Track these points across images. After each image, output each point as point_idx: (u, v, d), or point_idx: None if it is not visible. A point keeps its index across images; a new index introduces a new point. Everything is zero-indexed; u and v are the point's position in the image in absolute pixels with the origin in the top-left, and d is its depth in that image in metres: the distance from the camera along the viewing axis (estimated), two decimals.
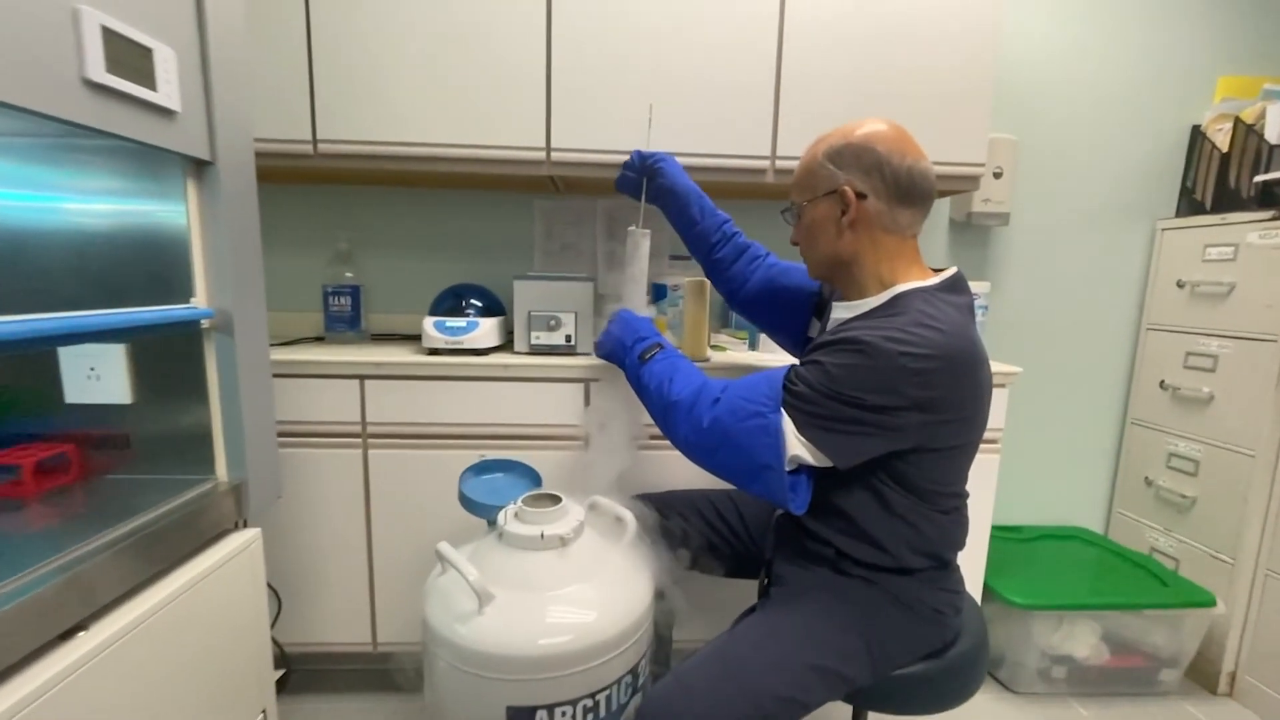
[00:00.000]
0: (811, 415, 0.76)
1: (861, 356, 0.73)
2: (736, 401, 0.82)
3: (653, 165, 1.16)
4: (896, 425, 0.74)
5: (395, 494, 1.25)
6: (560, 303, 1.28)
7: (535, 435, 1.24)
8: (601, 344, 1.11)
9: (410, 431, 1.23)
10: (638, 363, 1.00)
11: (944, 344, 0.73)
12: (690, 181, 1.15)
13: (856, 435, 0.76)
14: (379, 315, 1.57)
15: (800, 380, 0.78)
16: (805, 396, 0.76)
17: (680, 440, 0.88)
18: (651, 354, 1.00)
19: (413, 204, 1.57)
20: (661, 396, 0.92)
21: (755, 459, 0.79)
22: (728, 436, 0.81)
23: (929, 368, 0.72)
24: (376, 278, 1.58)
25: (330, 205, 1.55)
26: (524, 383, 1.23)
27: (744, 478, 0.82)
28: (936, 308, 0.77)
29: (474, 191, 1.56)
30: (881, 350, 0.72)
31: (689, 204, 1.13)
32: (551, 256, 1.59)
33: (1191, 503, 1.53)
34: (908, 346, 0.72)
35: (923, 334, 0.73)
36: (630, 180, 1.19)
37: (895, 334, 0.73)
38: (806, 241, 0.90)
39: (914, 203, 0.83)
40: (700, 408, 0.85)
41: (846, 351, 0.75)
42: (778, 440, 0.77)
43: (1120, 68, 1.63)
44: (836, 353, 0.76)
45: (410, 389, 1.22)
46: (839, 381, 0.74)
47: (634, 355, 1.02)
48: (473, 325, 1.27)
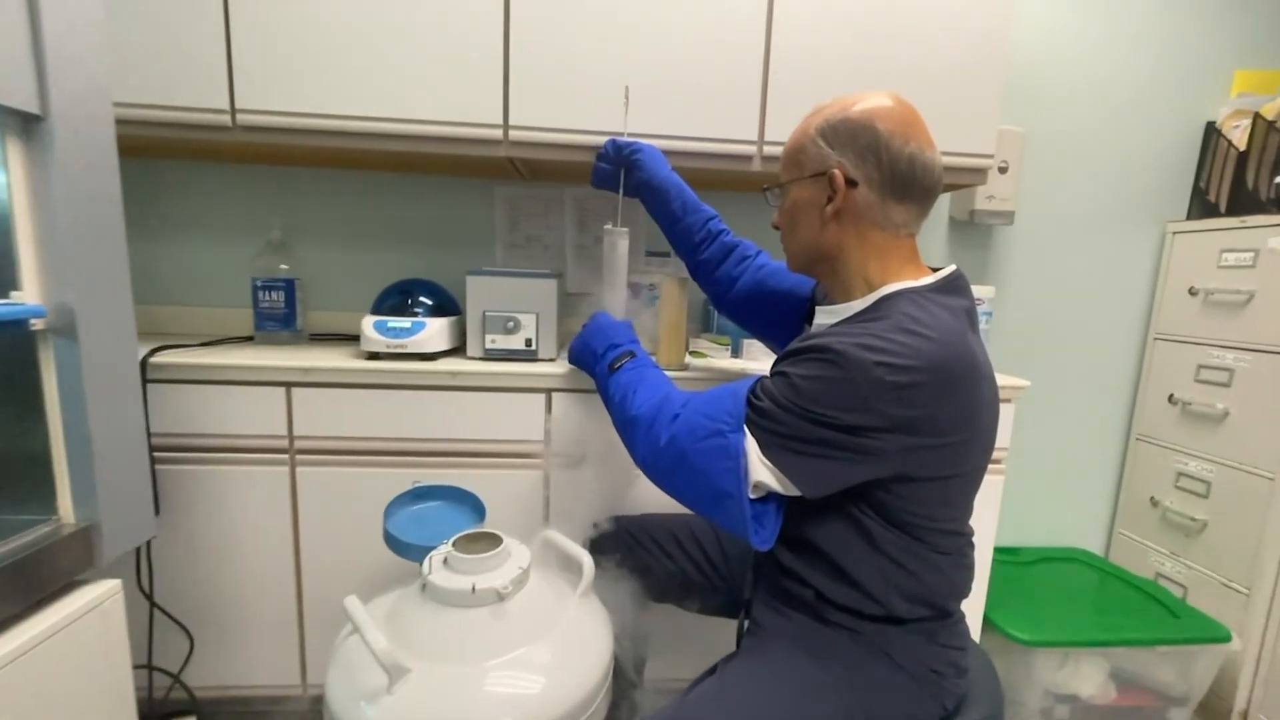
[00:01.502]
0: (776, 435, 0.65)
1: (831, 367, 0.62)
2: (696, 418, 0.71)
3: (630, 156, 1.02)
4: (873, 449, 0.62)
5: (328, 517, 1.09)
6: (520, 302, 1.14)
7: (489, 453, 1.09)
8: (573, 350, 1.00)
9: (345, 447, 1.08)
10: (606, 372, 0.89)
11: (931, 354, 0.61)
12: (672, 173, 1.03)
13: (826, 460, 0.64)
14: (319, 313, 1.41)
15: (765, 394, 0.67)
16: (769, 413, 0.65)
17: (639, 460, 0.78)
18: (621, 363, 0.88)
19: (357, 188, 1.40)
20: (623, 411, 0.81)
21: (713, 484, 0.68)
22: (684, 457, 0.70)
23: (911, 381, 0.60)
24: (316, 271, 1.41)
25: (262, 188, 1.38)
26: (477, 393, 1.08)
27: (703, 504, 0.71)
28: (926, 311, 0.65)
29: (427, 176, 1.41)
30: (854, 360, 0.61)
31: (670, 199, 1.01)
32: (515, 250, 1.44)
33: (1202, 526, 1.43)
34: (885, 356, 0.60)
35: (905, 341, 0.61)
36: (606, 173, 1.06)
37: (871, 341, 0.62)
38: (787, 227, 0.79)
39: (911, 198, 0.70)
40: (659, 424, 0.74)
41: (815, 361, 0.63)
42: (738, 463, 0.66)
43: (1130, 58, 1.52)
44: (804, 362, 0.65)
45: (345, 398, 1.06)
46: (806, 396, 0.63)
47: (603, 364, 0.91)
48: (419, 326, 1.12)
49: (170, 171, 1.36)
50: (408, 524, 0.82)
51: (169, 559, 1.07)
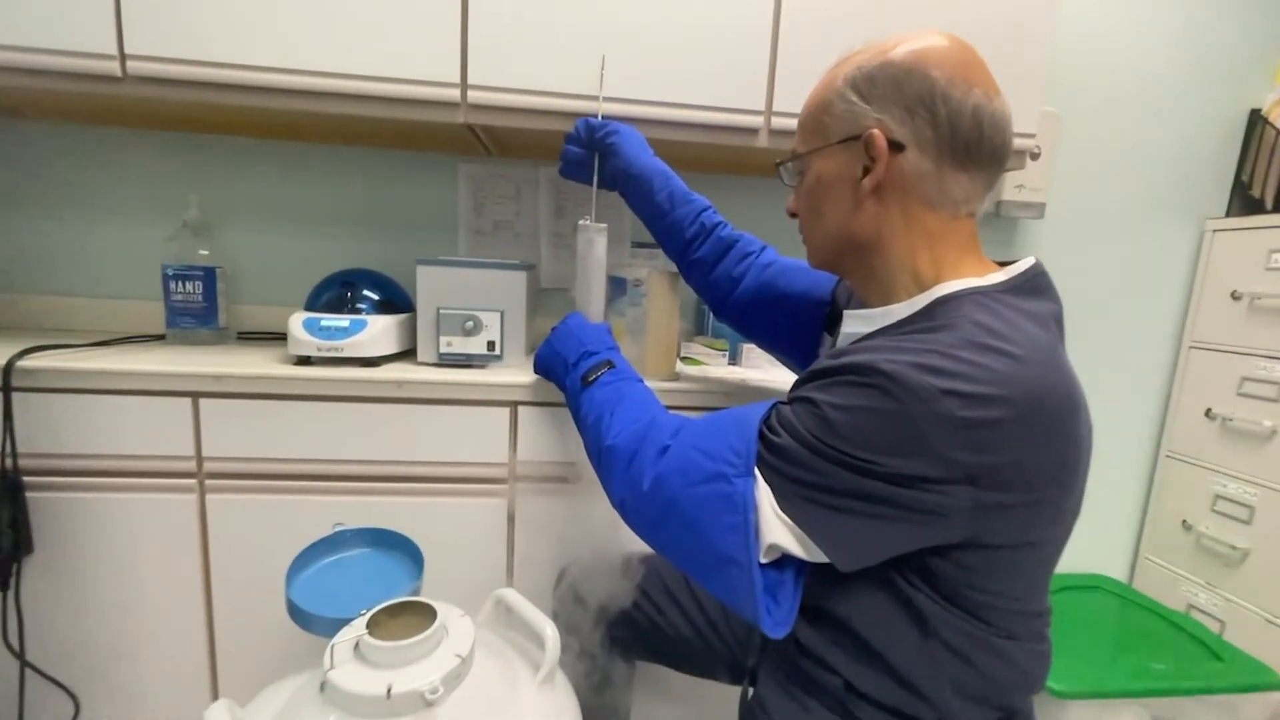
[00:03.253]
0: (798, 483, 0.49)
1: (878, 395, 0.45)
2: (690, 455, 0.55)
3: (604, 140, 0.85)
4: (934, 507, 0.46)
5: (245, 556, 0.91)
6: (482, 297, 0.96)
7: (441, 478, 0.91)
8: (539, 357, 0.84)
9: (266, 470, 0.89)
10: (579, 386, 0.73)
11: (1019, 380, 0.45)
12: (654, 159, 0.86)
13: (868, 519, 0.48)
14: (249, 308, 1.21)
15: (784, 427, 0.51)
16: (789, 453, 0.49)
17: (615, 502, 0.61)
18: (597, 375, 0.72)
19: (294, 163, 1.20)
20: (598, 437, 0.65)
21: (712, 544, 0.51)
22: (673, 506, 0.54)
23: (992, 417, 0.44)
24: (246, 259, 1.21)
25: (176, 159, 1.17)
26: (428, 406, 0.90)
27: (698, 569, 0.54)
28: (1002, 319, 0.48)
29: (377, 149, 1.21)
30: (911, 386, 0.44)
31: (654, 189, 0.84)
32: (481, 237, 1.26)
33: (1243, 555, 1.29)
34: (955, 381, 0.44)
35: (981, 362, 0.45)
36: (577, 159, 0.89)
37: (933, 360, 0.45)
38: (808, 211, 0.62)
39: (976, 164, 0.54)
40: (642, 459, 0.58)
41: (854, 386, 0.47)
42: (746, 519, 0.50)
43: (1170, 39, 1.37)
44: (838, 387, 0.48)
45: (266, 412, 0.88)
46: (841, 434, 0.47)
47: (575, 375, 0.74)
48: (358, 325, 0.93)
49: (60, 136, 1.14)
50: (319, 585, 0.64)
51: (45, 607, 0.88)
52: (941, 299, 0.52)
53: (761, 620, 0.50)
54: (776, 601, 0.51)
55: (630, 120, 0.91)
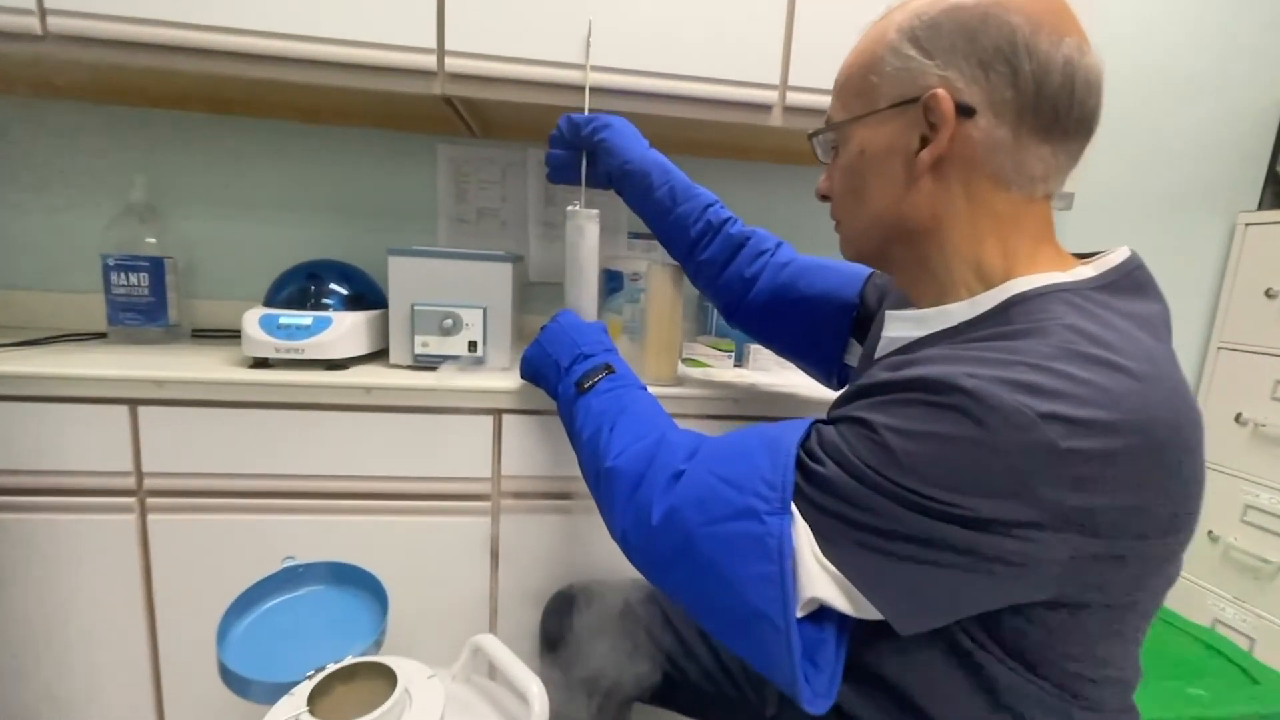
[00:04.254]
0: (847, 524, 0.40)
1: (958, 420, 0.36)
2: (709, 483, 0.45)
3: (593, 138, 0.75)
4: (1024, 559, 0.36)
5: (193, 584, 0.80)
6: (463, 291, 0.85)
7: (416, 494, 0.81)
8: (527, 360, 0.74)
9: (216, 488, 0.79)
10: (573, 393, 0.63)
11: (1135, 400, 0.35)
12: (651, 151, 0.76)
13: (937, 571, 0.38)
14: (206, 303, 1.10)
15: (828, 453, 0.41)
16: (836, 486, 0.40)
17: (617, 534, 0.52)
18: (594, 381, 0.62)
19: (255, 141, 1.09)
20: (596, 455, 0.56)
21: (739, 596, 0.42)
22: (690, 547, 0.45)
23: (1103, 449, 0.34)
24: (200, 248, 1.10)
25: (116, 134, 1.06)
26: (401, 414, 0.79)
27: (718, 623, 0.45)
28: (1105, 324, 0.39)
29: (347, 127, 1.10)
30: (1004, 410, 0.35)
31: (653, 185, 0.75)
32: (463, 226, 1.15)
33: (1276, 570, 1.22)
34: (1058, 403, 0.34)
35: (1088, 378, 0.35)
36: (565, 165, 0.79)
37: (1029, 376, 0.35)
38: (847, 192, 0.52)
39: (1064, 133, 0.44)
40: (651, 486, 0.49)
41: (925, 407, 0.38)
42: (781, 567, 0.40)
43: (1199, 26, 1.29)
44: (903, 407, 0.39)
45: (216, 422, 0.77)
46: (907, 466, 0.37)
47: (569, 381, 0.64)
48: (321, 323, 0.83)
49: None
50: (261, 637, 0.53)
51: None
52: (1018, 298, 0.42)
53: (799, 691, 0.41)
54: (817, 666, 0.41)
55: (625, 94, 0.81)
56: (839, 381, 0.77)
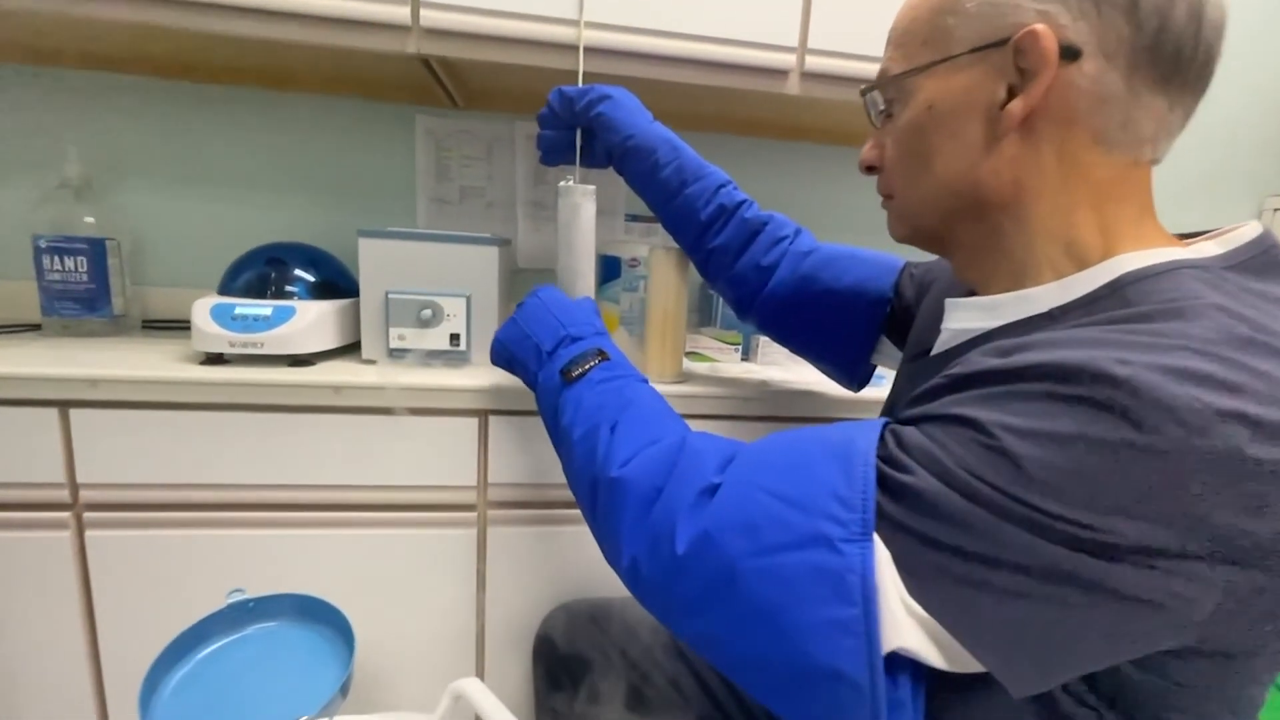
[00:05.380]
0: (946, 552, 0.31)
1: (1107, 419, 0.28)
2: (759, 500, 0.36)
3: (589, 112, 0.66)
4: (1177, 598, 0.28)
5: (141, 608, 0.71)
6: (444, 278, 0.77)
7: (389, 505, 0.73)
8: (501, 342, 0.63)
9: (163, 500, 0.70)
10: (557, 382, 0.53)
11: None
12: (656, 124, 0.67)
13: (1069, 613, 0.29)
14: (159, 292, 0.99)
15: (919, 460, 0.32)
16: (932, 503, 0.31)
17: (623, 563, 0.41)
18: (584, 369, 0.52)
19: (211, 109, 0.98)
20: (591, 461, 0.46)
21: (802, 649, 0.33)
22: (732, 584, 0.35)
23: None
24: (151, 229, 0.99)
25: (46, 99, 0.94)
26: (373, 416, 0.71)
27: (769, 684, 0.36)
28: (1256, 308, 0.31)
29: (316, 95, 1.00)
30: (1172, 405, 0.27)
31: (659, 163, 0.66)
32: (445, 206, 1.05)
33: None
34: (1241, 399, 0.27)
35: (1267, 371, 0.27)
36: (560, 147, 0.70)
37: (1197, 364, 0.27)
38: (908, 157, 0.44)
39: (1183, 84, 0.36)
40: (674, 503, 0.39)
41: (1058, 402, 0.29)
42: (866, 610, 0.32)
43: None
44: (1026, 402, 0.30)
45: (162, 426, 0.68)
46: (1037, 477, 0.29)
47: (552, 368, 0.54)
48: (283, 314, 0.74)
49: None
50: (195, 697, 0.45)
51: None
52: (1131, 276, 0.34)
53: None
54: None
55: (621, 55, 0.72)
56: (860, 384, 0.69)
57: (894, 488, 0.32)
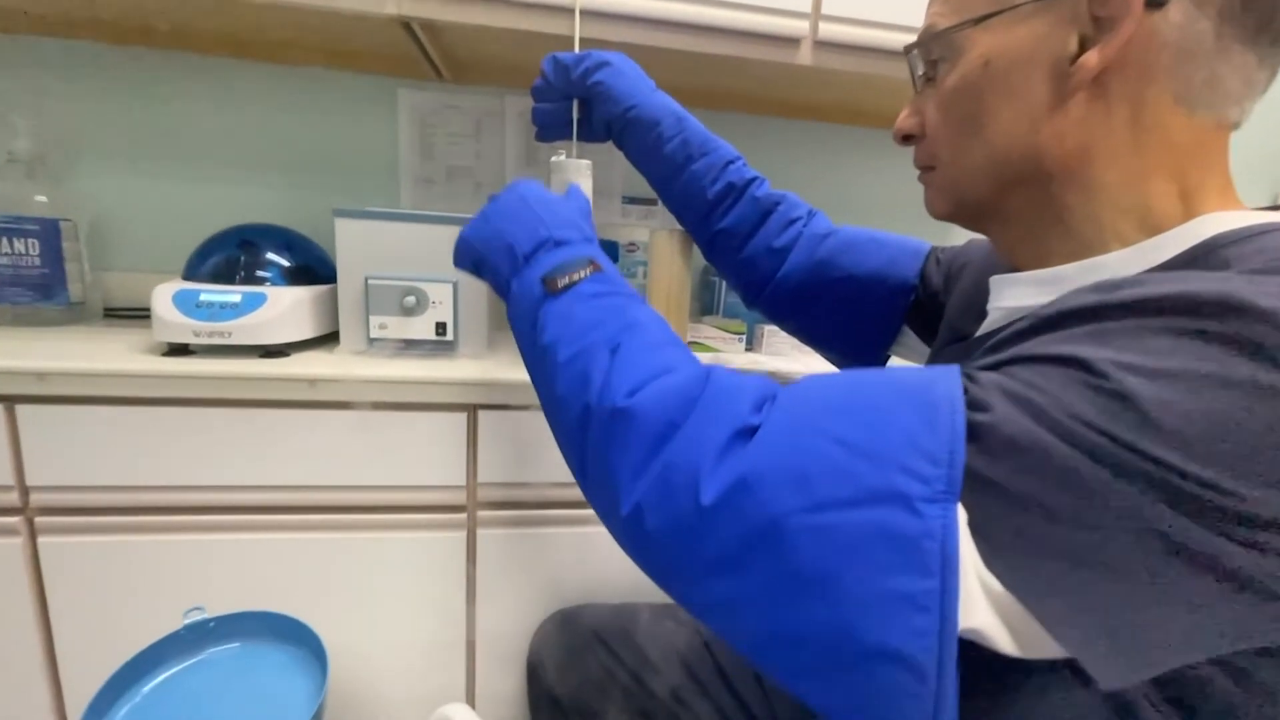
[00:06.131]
0: (1038, 514, 0.25)
1: (1248, 359, 0.23)
2: (815, 447, 0.29)
3: (588, 81, 0.59)
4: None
5: (99, 619, 0.66)
6: (428, 263, 0.71)
7: (370, 507, 0.68)
8: (465, 241, 0.50)
9: (122, 503, 0.64)
10: (538, 293, 0.42)
11: None
12: (660, 94, 0.61)
13: (1168, 591, 0.24)
14: (121, 277, 0.93)
15: (1012, 405, 0.26)
16: (1027, 453, 0.25)
17: (622, 511, 0.33)
18: (572, 279, 0.42)
19: (178, 81, 0.92)
20: (584, 387, 0.37)
21: (854, 625, 0.27)
22: (775, 543, 0.28)
23: None
24: (113, 210, 0.93)
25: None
26: (352, 411, 0.66)
27: (804, 664, 0.29)
28: None
29: (290, 67, 0.93)
30: None
31: (662, 135, 0.59)
32: (430, 187, 0.99)
33: None
34: None
35: None
36: (555, 122, 0.64)
37: None
38: (955, 123, 0.38)
39: (1273, 38, 0.31)
40: (696, 443, 0.31)
41: (1188, 338, 0.24)
42: (941, 582, 0.26)
43: None
44: (1146, 338, 0.25)
45: (120, 424, 0.63)
46: (1163, 425, 0.23)
47: (530, 275, 0.43)
48: (254, 300, 0.68)
49: None
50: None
51: None
52: (1229, 236, 0.29)
53: None
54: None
55: (620, 18, 0.66)
56: None
57: (978, 434, 0.27)
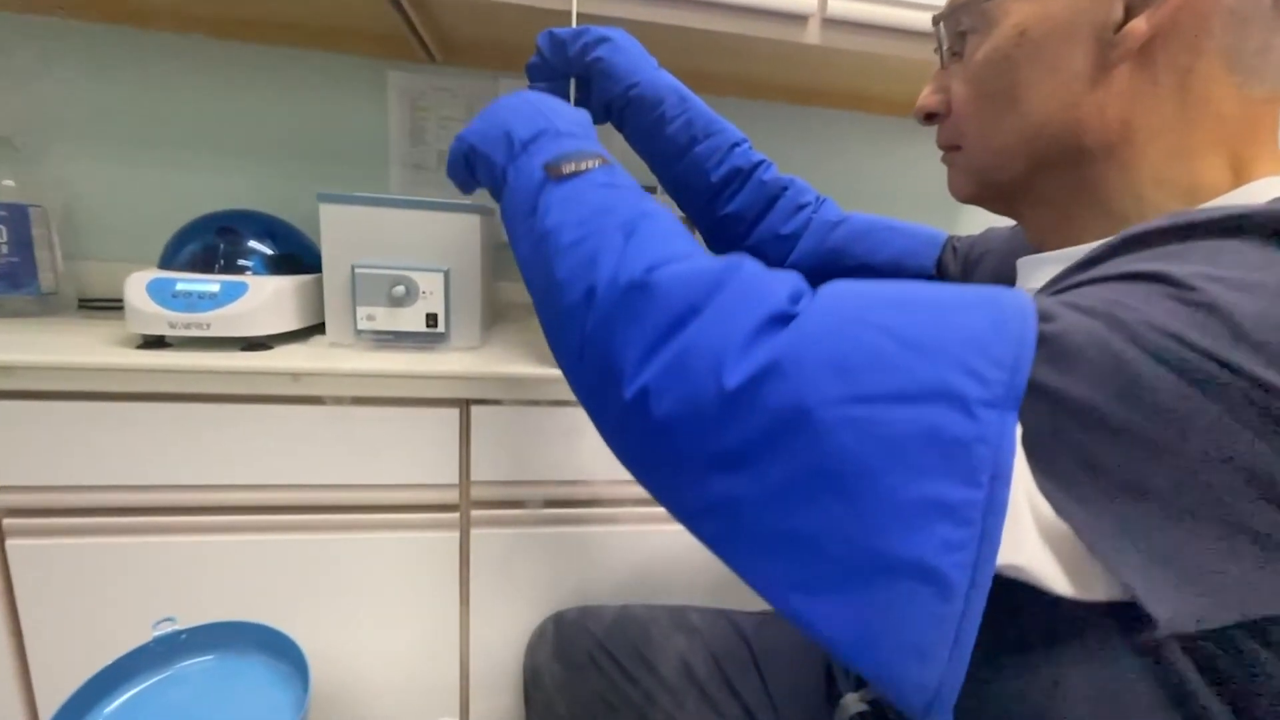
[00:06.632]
0: (1113, 435, 0.22)
1: None
2: (863, 338, 0.25)
3: (586, 57, 0.55)
4: None
5: (71, 625, 0.63)
6: (419, 251, 0.68)
7: (357, 506, 0.65)
8: (460, 141, 0.46)
9: (94, 504, 0.61)
10: (539, 178, 0.38)
11: None
12: (663, 73, 0.57)
13: (1244, 529, 0.21)
14: (96, 265, 0.89)
15: (1089, 315, 0.23)
16: (1107, 367, 0.22)
17: (625, 396, 0.29)
18: (581, 168, 0.38)
19: (159, 60, 0.87)
20: (591, 265, 0.32)
21: (880, 530, 0.23)
22: (803, 439, 0.24)
23: None
24: (88, 195, 0.89)
25: None
26: (338, 407, 0.62)
27: (809, 575, 0.25)
28: None
29: (275, 47, 0.89)
30: None
31: (665, 116, 0.56)
32: (420, 173, 0.96)
33: None
34: None
35: None
36: (547, 94, 0.58)
37: None
38: (987, 97, 0.36)
39: None
40: (722, 324, 0.27)
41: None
42: (989, 494, 0.22)
43: None
44: (1233, 253, 0.23)
45: (92, 420, 0.59)
46: (1256, 337, 0.21)
47: (529, 161, 0.40)
48: (234, 290, 0.65)
49: None
50: None
51: None
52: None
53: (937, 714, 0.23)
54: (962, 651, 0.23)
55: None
56: None
57: (1046, 342, 0.24)
